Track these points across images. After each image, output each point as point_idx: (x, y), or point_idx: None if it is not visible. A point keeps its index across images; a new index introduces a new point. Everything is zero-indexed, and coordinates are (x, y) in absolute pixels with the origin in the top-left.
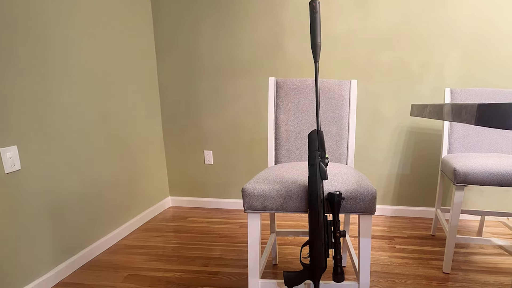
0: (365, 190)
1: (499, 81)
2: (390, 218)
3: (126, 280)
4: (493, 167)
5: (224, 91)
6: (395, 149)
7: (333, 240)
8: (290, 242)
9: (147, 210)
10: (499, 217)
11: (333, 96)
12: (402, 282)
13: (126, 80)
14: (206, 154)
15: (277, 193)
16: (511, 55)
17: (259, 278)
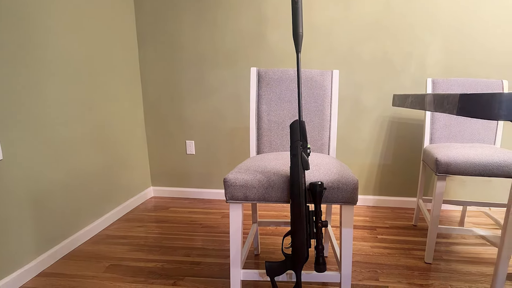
0: (347, 180)
1: (481, 71)
2: (372, 208)
3: (108, 270)
4: (475, 157)
5: (206, 81)
6: (377, 139)
7: (315, 230)
8: (272, 232)
9: (129, 200)
10: (481, 207)
11: (315, 86)
12: (384, 272)
13: (108, 70)
14: (188, 144)
15: (259, 183)
16: (493, 45)
17: (241, 268)
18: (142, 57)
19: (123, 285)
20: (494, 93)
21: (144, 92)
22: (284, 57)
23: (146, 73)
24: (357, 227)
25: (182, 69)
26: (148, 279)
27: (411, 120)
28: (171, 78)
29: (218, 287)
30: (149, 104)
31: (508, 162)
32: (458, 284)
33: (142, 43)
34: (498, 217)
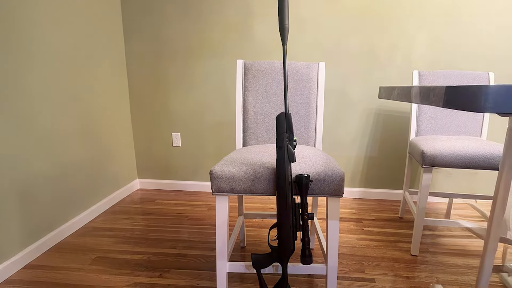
0: (333, 173)
1: (468, 64)
2: (358, 201)
3: (94, 262)
4: (461, 150)
5: (192, 73)
6: (363, 131)
7: (301, 223)
8: (258, 224)
9: (115, 192)
10: (467, 200)
11: (301, 78)
12: (370, 264)
13: (94, 63)
14: (174, 137)
15: (245, 175)
16: (479, 37)
17: (227, 261)
18: (128, 50)
19: (109, 277)
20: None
21: (130, 84)
22: (271, 50)
23: (132, 65)
24: (343, 220)
25: (168, 61)
26: (134, 271)
27: (397, 112)
28: (157, 71)
29: (204, 279)
30: (135, 96)
31: (494, 154)
32: (444, 277)
33: (128, 36)
34: (484, 209)
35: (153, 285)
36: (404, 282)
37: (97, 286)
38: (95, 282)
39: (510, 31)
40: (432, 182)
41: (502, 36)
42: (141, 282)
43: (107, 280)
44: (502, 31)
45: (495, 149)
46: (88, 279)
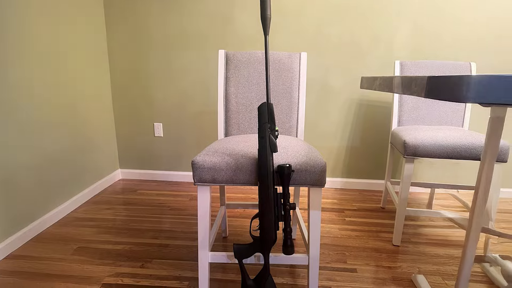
0: (315, 163)
1: (450, 54)
2: (340, 191)
3: (75, 252)
4: (443, 140)
5: (174, 63)
6: (345, 121)
7: (283, 213)
8: (240, 214)
9: (97, 182)
10: (449, 190)
11: (283, 68)
12: (352, 254)
13: (76, 53)
14: (156, 127)
15: (227, 165)
16: (461, 27)
17: (209, 251)
18: (110, 40)
19: (91, 267)
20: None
21: (112, 74)
22: (252, 40)
23: (114, 55)
24: (325, 210)
25: (150, 51)
26: (116, 262)
27: (379, 102)
28: (139, 61)
29: (186, 269)
30: (117, 86)
31: (476, 144)
32: (426, 267)
33: (110, 25)
34: (466, 200)
35: (134, 275)
36: (386, 272)
37: (79, 276)
38: (77, 272)
39: (492, 21)
40: (414, 172)
41: (484, 26)
42: (123, 272)
43: (89, 270)
44: (484, 21)
45: (477, 139)
46: (70, 269)
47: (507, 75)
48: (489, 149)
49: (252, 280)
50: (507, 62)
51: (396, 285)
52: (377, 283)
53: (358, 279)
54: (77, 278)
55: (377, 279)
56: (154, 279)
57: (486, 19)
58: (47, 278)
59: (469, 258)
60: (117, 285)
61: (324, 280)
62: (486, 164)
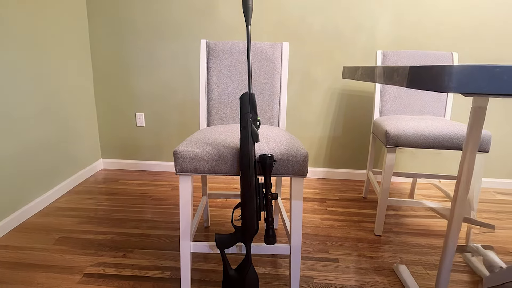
0: (296, 153)
1: (431, 44)
2: (322, 181)
3: (57, 242)
4: (424, 130)
5: (156, 53)
6: (327, 111)
7: (264, 203)
8: (222, 204)
9: (78, 172)
10: (431, 180)
11: (265, 58)
12: (334, 244)
13: (57, 42)
14: (138, 117)
15: (209, 155)
16: (444, 17)
17: (191, 241)
18: (91, 29)
19: (72, 257)
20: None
21: (94, 64)
22: (234, 30)
23: (96, 45)
24: (307, 200)
25: (132, 41)
26: (98, 251)
27: (361, 92)
28: (121, 50)
29: (168, 259)
30: (99, 76)
31: (457, 134)
32: (408, 256)
33: (92, 15)
34: (448, 189)
35: (116, 265)
36: (367, 262)
37: (60, 266)
38: (59, 262)
39: (474, 10)
40: (396, 162)
41: (466, 16)
42: (104, 262)
43: (70, 260)
44: (466, 11)
45: (458, 129)
46: (52, 259)
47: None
48: (471, 139)
49: (234, 270)
50: (489, 52)
51: (378, 275)
52: (359, 273)
53: (340, 269)
54: (59, 268)
55: (359, 269)
56: (136, 269)
57: (468, 9)
58: (29, 268)
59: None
60: (99, 274)
61: (306, 270)
62: (468, 154)
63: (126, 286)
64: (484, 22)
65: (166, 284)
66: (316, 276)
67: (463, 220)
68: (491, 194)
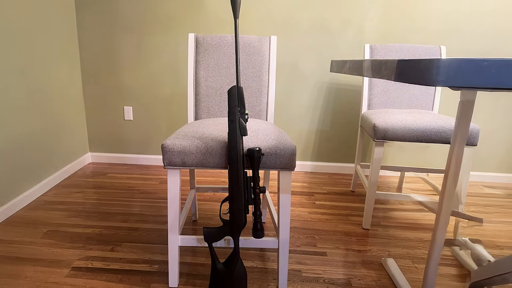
0: (284, 146)
1: (419, 37)
2: (310, 174)
3: (45, 236)
4: (412, 123)
5: (144, 47)
6: (315, 105)
7: (252, 196)
8: (210, 198)
9: (66, 166)
10: (419, 173)
11: (253, 52)
12: (322, 238)
13: (44, 35)
14: (126, 110)
15: (197, 149)
16: (431, 11)
17: (179, 234)
18: (79, 22)
19: (60, 250)
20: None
21: (82, 57)
22: (222, 23)
23: (84, 38)
24: (295, 193)
25: (121, 34)
26: (86, 245)
27: (349, 86)
28: (109, 44)
29: (156, 252)
30: (87, 69)
31: (445, 127)
32: (395, 250)
33: (80, 8)
34: (436, 183)
35: (104, 258)
36: (355, 255)
37: (48, 259)
38: (47, 256)
39: (461, 4)
40: (384, 156)
41: (453, 9)
42: (92, 256)
43: (59, 254)
44: (454, 5)
45: (446, 122)
46: (40, 253)
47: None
48: (459, 132)
49: (222, 263)
50: (477, 45)
51: (366, 268)
52: (347, 267)
53: (328, 263)
54: (47, 262)
55: (347, 263)
56: (124, 263)
57: (456, 2)
58: (17, 261)
59: (439, 241)
60: (87, 268)
61: (294, 263)
62: (456, 147)
63: (114, 279)
64: (472, 16)
65: (154, 278)
66: (304, 270)
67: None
68: (479, 188)
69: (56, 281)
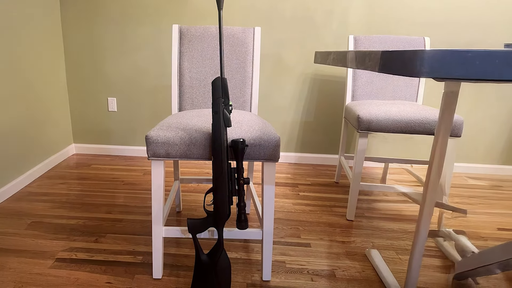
0: (268, 137)
1: (403, 29)
2: (294, 165)
3: (29, 227)
4: (396, 114)
5: (128, 38)
6: (299, 96)
7: (236, 187)
8: (194, 189)
9: (51, 157)
10: (403, 164)
11: (237, 43)
12: (306, 229)
13: (28, 26)
14: (110, 101)
15: (181, 140)
16: (415, 2)
17: (163, 225)
18: (63, 12)
19: (44, 242)
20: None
21: (66, 48)
22: (206, 14)
23: (68, 29)
24: (279, 184)
25: (105, 25)
26: (70, 236)
27: (333, 77)
28: (94, 35)
29: (140, 244)
30: (71, 60)
31: (429, 119)
32: (379, 241)
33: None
34: (420, 174)
35: (88, 249)
36: (339, 247)
37: (32, 250)
38: (31, 247)
39: None
40: (368, 147)
41: (437, 1)
42: (76, 247)
43: (43, 245)
44: None
45: (430, 114)
46: (24, 244)
47: (461, 49)
48: (443, 123)
49: (206, 254)
50: (461, 37)
51: (350, 259)
52: (331, 258)
53: (312, 254)
54: (31, 253)
55: (331, 254)
56: (108, 254)
57: None
58: (0, 253)
59: (423, 232)
60: (71, 259)
61: (278, 254)
62: (440, 138)
63: (98, 270)
64: (456, 7)
65: (138, 269)
66: (288, 261)
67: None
68: (463, 179)
69: (40, 272)
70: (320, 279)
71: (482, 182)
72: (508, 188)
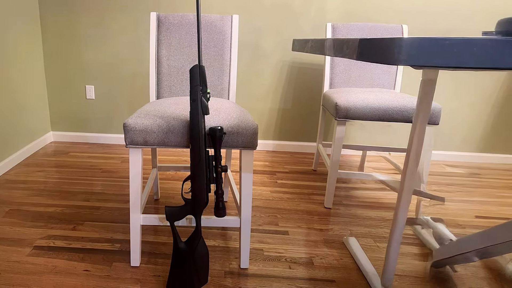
0: (246, 125)
1: (381, 16)
2: (272, 153)
3: (7, 215)
4: (374, 102)
5: (106, 25)
6: (277, 84)
7: (214, 175)
8: (172, 177)
9: (28, 145)
10: (381, 152)
11: (214, 31)
12: (283, 217)
13: (5, 13)
14: (87, 89)
15: (159, 128)
16: None
17: (141, 213)
18: (42, 1)
19: (22, 229)
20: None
21: (43, 36)
22: (184, 2)
23: (46, 16)
24: (256, 172)
25: (83, 13)
26: (48, 224)
27: (311, 65)
28: (72, 22)
29: (118, 231)
30: (49, 48)
31: (407, 106)
32: (357, 229)
33: None
34: (397, 162)
35: (66, 237)
36: (317, 234)
37: (10, 238)
38: (9, 235)
39: None
40: (346, 135)
41: None
42: (54, 235)
43: (20, 233)
44: None
45: (408, 101)
46: (2, 232)
47: (439, 37)
48: (421, 111)
49: (184, 242)
50: (438, 24)
51: (327, 247)
52: (308, 245)
53: (289, 242)
54: (9, 241)
55: (308, 242)
56: (86, 241)
57: None
58: None
59: (401, 220)
60: (49, 247)
61: (256, 242)
62: (418, 126)
63: (76, 258)
64: None
65: (116, 257)
66: (266, 249)
67: (413, 193)
68: (441, 167)
69: (18, 260)
70: (298, 266)
71: (460, 169)
72: (486, 176)
